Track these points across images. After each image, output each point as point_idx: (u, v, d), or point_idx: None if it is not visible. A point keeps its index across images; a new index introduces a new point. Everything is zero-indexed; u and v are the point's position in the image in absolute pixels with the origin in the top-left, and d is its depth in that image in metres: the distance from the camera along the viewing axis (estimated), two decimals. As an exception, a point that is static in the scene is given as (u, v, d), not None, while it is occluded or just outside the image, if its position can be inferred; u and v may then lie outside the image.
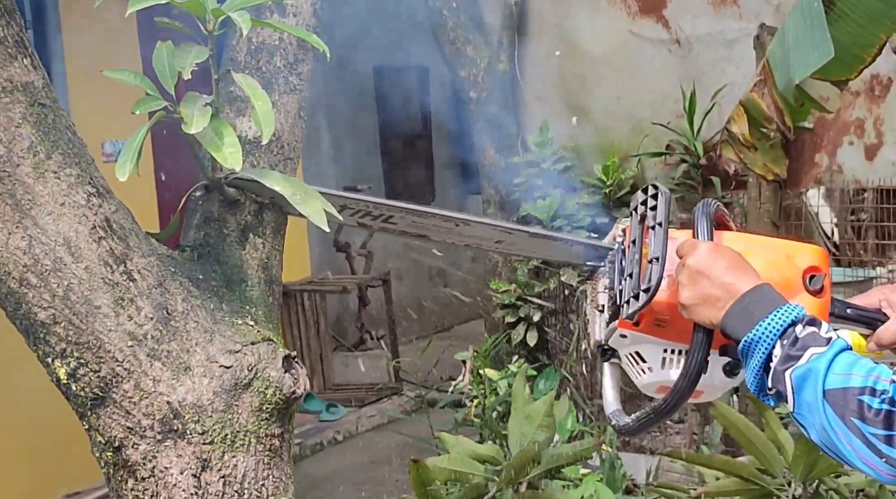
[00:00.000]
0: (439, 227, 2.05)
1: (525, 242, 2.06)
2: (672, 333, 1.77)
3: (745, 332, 1.58)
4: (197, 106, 1.94)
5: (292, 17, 2.34)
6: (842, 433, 1.47)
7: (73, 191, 1.91)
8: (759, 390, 1.60)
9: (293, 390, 2.07)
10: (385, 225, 2.06)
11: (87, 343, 1.91)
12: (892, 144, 5.90)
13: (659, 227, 1.74)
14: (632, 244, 1.80)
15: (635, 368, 1.82)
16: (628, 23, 6.83)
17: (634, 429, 1.82)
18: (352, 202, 2.06)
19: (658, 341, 1.79)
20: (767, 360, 1.56)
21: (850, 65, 3.66)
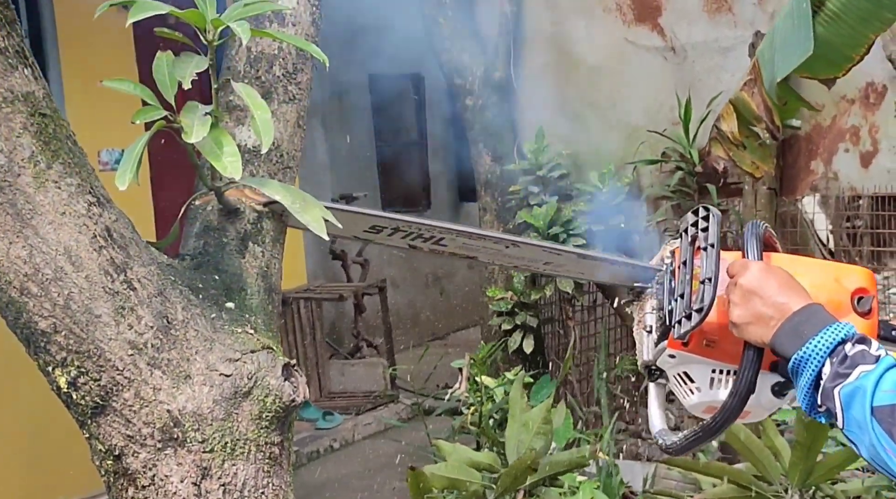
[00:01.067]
0: (489, 249, 2.05)
1: (574, 263, 2.06)
2: (721, 354, 1.78)
3: (795, 350, 1.60)
4: (197, 115, 1.94)
5: (291, 26, 2.35)
6: (890, 450, 1.48)
7: (73, 200, 1.91)
8: (811, 408, 1.62)
9: (293, 398, 2.07)
10: (435, 247, 2.06)
11: (88, 352, 1.91)
12: (888, 151, 5.92)
13: (711, 248, 1.75)
14: (682, 266, 1.81)
15: (683, 388, 1.83)
16: (624, 31, 6.85)
17: (681, 448, 1.82)
18: (404, 225, 2.04)
19: (707, 361, 1.80)
20: (818, 378, 1.58)
21: (838, 64, 3.68)
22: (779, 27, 3.86)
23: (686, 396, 1.83)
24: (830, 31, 3.64)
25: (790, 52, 3.62)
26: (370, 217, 2.06)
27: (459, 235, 2.04)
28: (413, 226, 2.04)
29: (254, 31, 1.98)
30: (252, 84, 2.22)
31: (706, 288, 1.72)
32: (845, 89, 5.81)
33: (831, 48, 3.63)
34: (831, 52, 3.64)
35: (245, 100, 1.99)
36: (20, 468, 6.19)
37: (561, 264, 2.06)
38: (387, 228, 2.03)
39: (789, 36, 3.65)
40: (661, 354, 1.83)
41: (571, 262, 2.06)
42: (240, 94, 2.02)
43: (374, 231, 2.06)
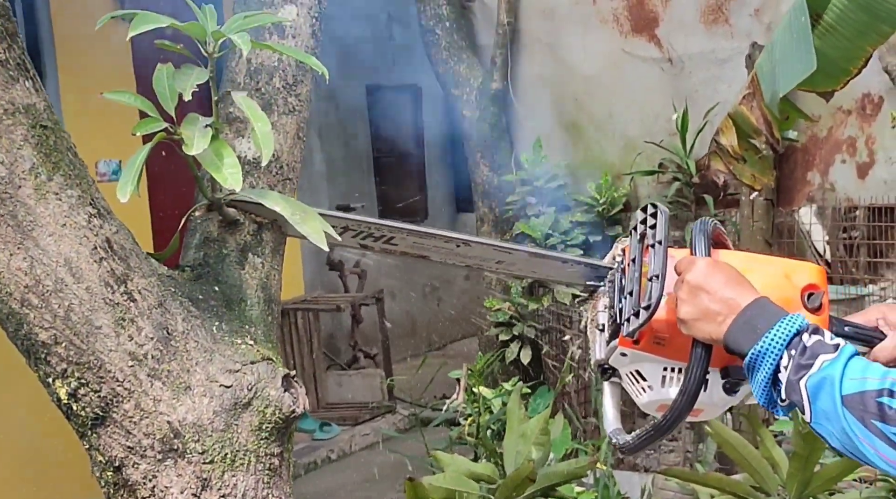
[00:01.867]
0: (440, 248, 2.06)
1: (525, 262, 2.07)
2: (672, 352, 1.78)
3: (750, 345, 1.59)
4: (197, 127, 1.95)
5: (291, 38, 2.36)
6: (864, 437, 1.48)
7: (74, 212, 1.92)
8: (769, 402, 1.61)
9: (293, 409, 2.07)
10: (386, 246, 2.07)
11: (88, 363, 1.92)
12: (884, 162, 5.93)
13: (658, 245, 1.75)
14: (631, 263, 1.82)
15: (636, 387, 1.84)
16: (621, 42, 6.87)
17: (634, 447, 1.83)
18: (353, 224, 2.06)
19: (658, 360, 1.80)
20: (776, 371, 1.57)
21: (836, 77, 3.70)
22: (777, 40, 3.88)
23: (639, 394, 1.83)
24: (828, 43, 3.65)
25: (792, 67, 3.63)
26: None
27: (409, 234, 2.05)
28: (362, 225, 2.07)
29: (254, 44, 1.98)
30: (252, 96, 2.22)
31: (654, 285, 1.71)
32: (842, 100, 5.83)
33: (829, 61, 3.65)
34: (829, 65, 3.66)
35: (245, 112, 2.00)
36: (19, 482, 6.19)
37: (513, 263, 2.07)
38: (336, 228, 2.04)
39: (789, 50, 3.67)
40: (613, 353, 1.83)
41: (522, 260, 2.07)
42: (240, 106, 2.03)
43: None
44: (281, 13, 2.33)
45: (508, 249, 2.05)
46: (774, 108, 3.95)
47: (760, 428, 4.20)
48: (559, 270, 2.05)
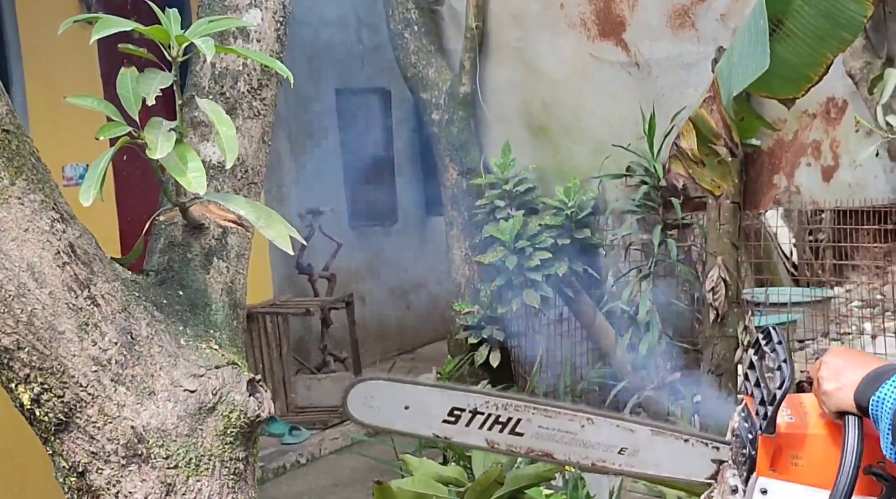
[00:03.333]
0: (564, 434, 2.00)
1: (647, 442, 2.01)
2: (809, 475, 1.79)
3: (871, 394, 1.67)
4: (161, 131, 1.95)
5: (256, 42, 2.36)
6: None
7: (36, 216, 1.91)
8: (893, 453, 1.66)
9: (258, 413, 2.07)
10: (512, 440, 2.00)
11: (51, 368, 1.91)
12: (848, 165, 5.98)
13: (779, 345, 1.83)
14: (757, 381, 1.86)
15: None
16: (588, 46, 6.89)
17: None
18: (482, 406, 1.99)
19: (798, 488, 1.80)
20: (892, 419, 1.63)
21: (797, 83, 3.72)
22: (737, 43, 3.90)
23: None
24: (788, 49, 3.68)
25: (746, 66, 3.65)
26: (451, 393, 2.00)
27: (536, 410, 1.99)
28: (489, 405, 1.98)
29: (218, 48, 1.98)
30: (217, 100, 2.22)
31: (785, 368, 1.78)
32: (806, 104, 5.88)
33: (790, 67, 3.67)
34: (790, 71, 3.68)
35: (209, 116, 2.00)
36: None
37: (636, 450, 2.01)
38: (460, 418, 1.98)
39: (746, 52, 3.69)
40: (752, 497, 1.82)
41: (644, 442, 2.01)
42: (204, 110, 2.02)
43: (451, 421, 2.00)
44: (246, 17, 2.33)
45: (630, 426, 2.01)
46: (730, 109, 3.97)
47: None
48: (681, 456, 2.01)
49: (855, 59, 5.49)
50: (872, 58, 5.55)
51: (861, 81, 5.51)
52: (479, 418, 1.99)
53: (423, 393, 1.99)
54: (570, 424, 2.00)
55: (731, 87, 3.84)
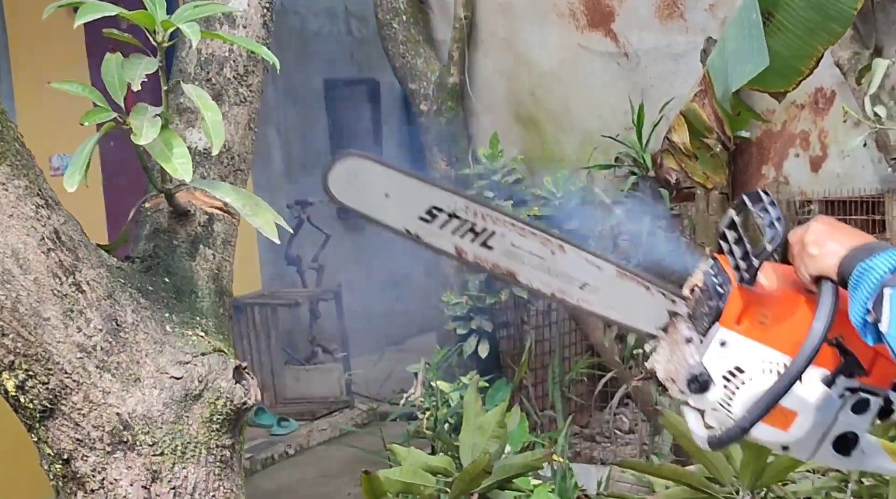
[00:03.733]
0: (533, 256, 1.93)
1: (610, 285, 1.96)
2: (773, 338, 1.78)
3: (860, 261, 1.64)
4: (146, 117, 1.94)
5: (242, 28, 2.35)
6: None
7: (21, 202, 1.90)
8: (862, 322, 1.64)
9: (244, 400, 2.07)
10: (481, 251, 1.95)
11: (36, 355, 1.90)
12: (836, 156, 5.99)
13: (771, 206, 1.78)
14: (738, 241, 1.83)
15: (730, 385, 1.80)
16: (577, 36, 6.88)
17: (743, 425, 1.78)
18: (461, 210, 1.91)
19: (759, 347, 1.78)
20: (878, 288, 1.61)
21: (788, 77, 3.71)
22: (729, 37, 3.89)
23: (733, 393, 1.79)
24: (779, 42, 3.67)
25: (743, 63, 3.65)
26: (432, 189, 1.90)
27: (513, 227, 1.92)
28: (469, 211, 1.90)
29: (204, 33, 1.97)
30: (203, 86, 2.21)
31: (778, 225, 1.73)
32: (795, 95, 5.86)
33: (781, 60, 3.66)
34: (781, 64, 3.68)
35: (195, 102, 1.99)
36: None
37: (597, 289, 1.96)
38: (437, 218, 1.90)
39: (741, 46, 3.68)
40: (709, 348, 1.80)
41: (608, 283, 1.96)
42: (190, 96, 2.01)
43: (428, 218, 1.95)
44: (231, 3, 2.32)
45: (598, 263, 1.95)
46: (726, 104, 3.96)
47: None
48: (639, 303, 2.00)
49: (843, 49, 5.49)
50: (861, 48, 5.55)
51: (849, 72, 5.51)
52: (455, 223, 1.92)
53: (407, 184, 1.93)
54: (542, 248, 1.94)
55: (727, 82, 3.83)
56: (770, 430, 1.81)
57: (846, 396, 1.83)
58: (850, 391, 1.82)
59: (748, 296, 1.78)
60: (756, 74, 3.57)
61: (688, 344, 1.85)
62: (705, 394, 1.82)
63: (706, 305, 1.85)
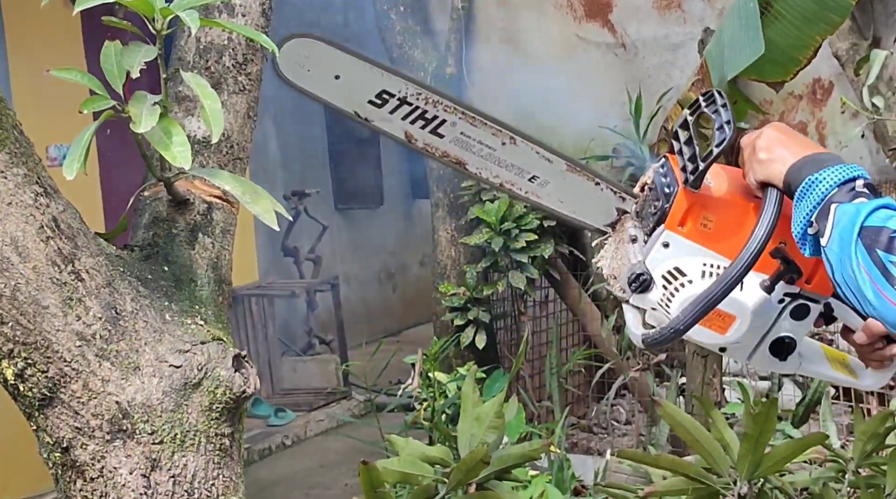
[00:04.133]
0: (483, 147, 1.95)
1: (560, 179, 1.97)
2: (715, 241, 1.79)
3: (809, 173, 1.65)
4: (145, 105, 1.93)
5: (241, 17, 2.34)
6: (864, 265, 1.52)
7: (20, 190, 1.89)
8: (802, 234, 1.66)
9: (243, 389, 2.06)
10: (431, 138, 1.93)
11: (35, 343, 1.89)
12: (834, 146, 5.98)
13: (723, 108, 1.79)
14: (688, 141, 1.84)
15: (670, 287, 1.80)
16: (574, 27, 6.88)
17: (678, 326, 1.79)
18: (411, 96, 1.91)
19: (700, 251, 1.80)
20: (822, 202, 1.62)
21: (786, 66, 3.71)
22: (726, 26, 3.89)
23: (673, 295, 1.80)
24: (777, 32, 3.67)
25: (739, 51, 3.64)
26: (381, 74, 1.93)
27: (463, 116, 1.94)
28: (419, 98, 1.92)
29: (203, 21, 1.96)
30: (202, 74, 2.21)
31: (727, 129, 1.74)
32: (793, 85, 5.87)
33: (779, 50, 3.66)
34: (779, 54, 3.67)
35: (195, 90, 1.98)
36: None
37: (546, 182, 1.97)
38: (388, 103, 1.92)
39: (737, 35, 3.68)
40: (653, 248, 1.81)
41: (558, 177, 1.97)
42: (189, 85, 2.00)
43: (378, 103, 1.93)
44: (231, -9, 2.32)
45: (548, 156, 1.97)
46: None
47: (712, 410, 4.23)
48: (588, 198, 1.99)
49: (841, 40, 5.48)
50: (859, 39, 5.54)
51: (847, 63, 5.51)
52: (406, 109, 1.93)
53: (357, 67, 1.94)
54: (492, 138, 1.95)
55: (722, 71, 3.83)
56: (707, 332, 1.83)
57: (786, 301, 1.84)
58: (789, 297, 1.83)
59: (693, 198, 1.79)
60: (752, 62, 3.57)
61: (632, 243, 1.86)
62: (646, 294, 1.83)
63: (653, 206, 1.86)
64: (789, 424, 5.00)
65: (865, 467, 4.02)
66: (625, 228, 1.90)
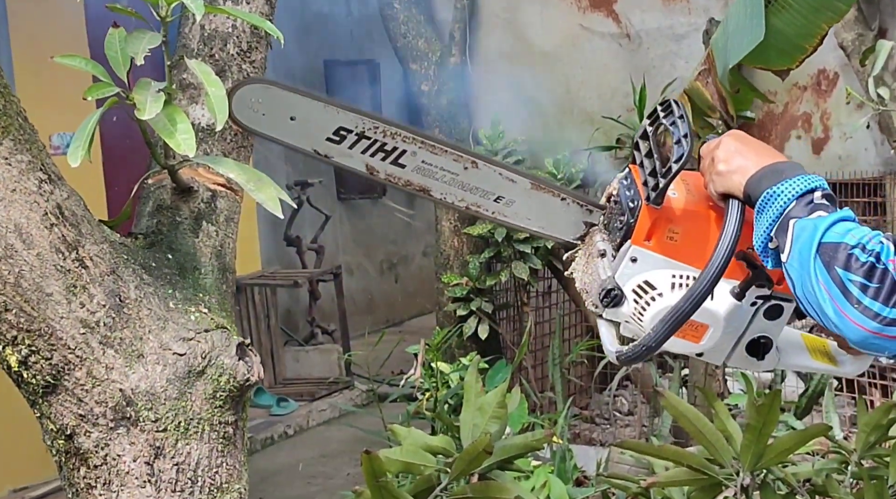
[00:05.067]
0: (446, 173, 1.97)
1: (525, 198, 2.00)
2: (683, 253, 1.79)
3: (768, 186, 1.64)
4: (150, 92, 1.92)
5: (245, 4, 2.33)
6: (823, 282, 1.52)
7: (24, 177, 1.89)
8: (763, 248, 1.66)
9: (247, 377, 2.06)
10: (393, 169, 1.94)
11: (39, 330, 1.89)
12: (839, 138, 5.98)
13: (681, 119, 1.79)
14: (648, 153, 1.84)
15: (641, 301, 1.81)
16: (579, 17, 6.87)
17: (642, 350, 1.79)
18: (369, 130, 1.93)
19: (669, 263, 1.80)
20: (781, 215, 1.62)
21: (791, 55, 3.71)
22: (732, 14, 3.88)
23: (644, 308, 1.81)
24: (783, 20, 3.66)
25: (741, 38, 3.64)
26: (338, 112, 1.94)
27: (423, 145, 1.96)
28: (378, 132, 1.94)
29: (208, 8, 1.96)
30: (206, 62, 2.19)
31: (685, 143, 1.74)
32: (797, 76, 5.87)
33: (784, 38, 3.65)
34: (784, 42, 3.67)
35: (199, 77, 1.97)
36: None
37: (512, 201, 2.00)
38: (346, 139, 1.94)
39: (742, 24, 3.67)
40: (622, 263, 1.82)
41: (523, 196, 1.99)
42: (194, 72, 2.00)
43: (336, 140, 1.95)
44: (235, -21, 2.31)
45: (512, 177, 1.99)
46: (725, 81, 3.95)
47: (715, 401, 4.23)
48: (555, 214, 2.00)
49: (847, 30, 5.47)
50: (864, 29, 5.53)
51: (853, 53, 5.50)
52: (365, 143, 1.95)
53: (312, 107, 1.95)
54: (454, 164, 1.97)
55: (726, 59, 3.82)
56: (682, 343, 1.84)
57: (758, 304, 1.84)
58: (761, 299, 1.84)
59: (656, 213, 1.80)
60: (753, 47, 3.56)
61: (601, 258, 1.87)
62: (618, 308, 1.84)
63: (618, 221, 1.87)
64: (792, 415, 5.00)
65: (868, 458, 4.01)
66: (593, 242, 1.91)
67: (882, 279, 1.49)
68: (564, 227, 1.99)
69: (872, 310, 1.49)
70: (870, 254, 1.51)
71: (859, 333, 1.51)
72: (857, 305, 1.49)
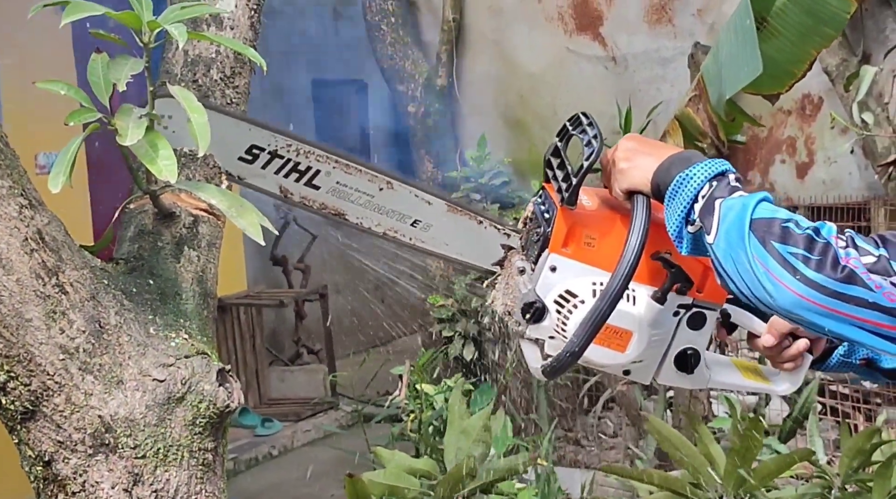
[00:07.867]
0: (361, 194, 1.95)
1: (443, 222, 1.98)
2: (601, 258, 1.79)
3: (679, 171, 1.65)
4: (132, 118, 1.92)
5: (229, 30, 2.33)
6: (759, 257, 1.52)
7: (4, 202, 1.88)
8: (678, 232, 1.66)
9: (227, 403, 2.05)
10: (308, 191, 1.93)
11: (18, 356, 1.88)
12: (823, 162, 6.00)
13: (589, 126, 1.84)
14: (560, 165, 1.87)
15: (564, 310, 1.80)
16: (565, 40, 6.90)
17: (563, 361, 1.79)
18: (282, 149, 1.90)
19: (588, 270, 1.80)
20: (695, 198, 1.63)
21: (781, 80, 3.74)
22: (723, 42, 3.90)
23: (567, 317, 1.80)
24: (773, 46, 3.69)
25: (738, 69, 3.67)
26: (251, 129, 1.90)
27: (337, 164, 1.92)
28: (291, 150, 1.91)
29: (191, 34, 1.96)
30: (189, 88, 2.19)
31: (594, 143, 1.77)
32: (782, 101, 5.89)
33: (774, 64, 3.69)
34: (774, 67, 3.70)
35: (182, 103, 1.97)
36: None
37: (429, 225, 1.98)
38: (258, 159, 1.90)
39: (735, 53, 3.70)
40: (541, 274, 1.81)
41: (441, 219, 1.97)
42: (176, 98, 2.00)
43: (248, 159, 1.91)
44: (219, 4, 2.31)
45: (428, 198, 1.97)
46: (721, 110, 3.98)
47: (699, 425, 4.24)
48: (472, 238, 1.99)
49: (831, 56, 5.50)
50: (849, 55, 5.56)
51: (837, 78, 5.53)
52: (278, 162, 1.91)
53: (222, 123, 1.92)
54: (369, 185, 1.95)
55: (721, 88, 3.85)
56: (606, 352, 1.83)
57: (681, 313, 1.84)
58: (684, 308, 1.84)
59: (572, 218, 1.81)
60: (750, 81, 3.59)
61: (521, 275, 1.87)
62: (541, 322, 1.83)
63: (535, 234, 1.87)
64: (776, 439, 5.01)
65: (851, 483, 4.02)
66: (512, 264, 1.91)
67: (824, 252, 1.49)
68: (482, 252, 1.98)
69: (816, 281, 1.49)
70: (807, 228, 1.52)
71: (796, 300, 1.50)
72: (798, 276, 1.50)
